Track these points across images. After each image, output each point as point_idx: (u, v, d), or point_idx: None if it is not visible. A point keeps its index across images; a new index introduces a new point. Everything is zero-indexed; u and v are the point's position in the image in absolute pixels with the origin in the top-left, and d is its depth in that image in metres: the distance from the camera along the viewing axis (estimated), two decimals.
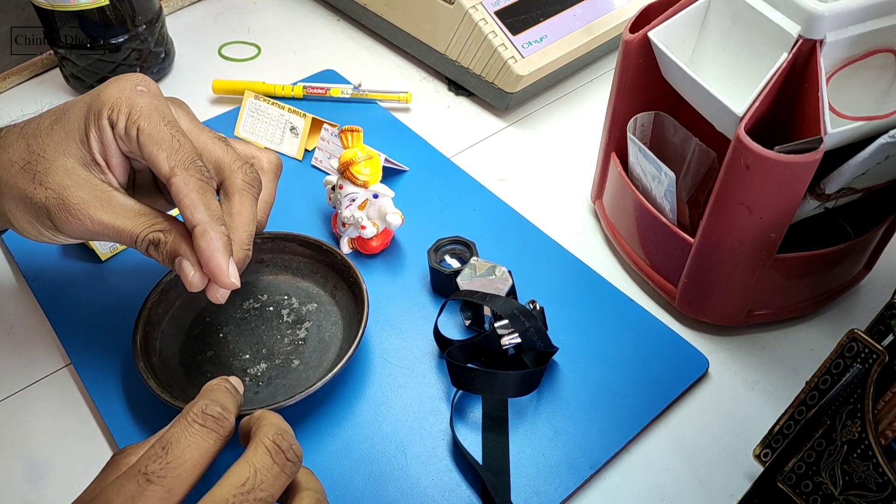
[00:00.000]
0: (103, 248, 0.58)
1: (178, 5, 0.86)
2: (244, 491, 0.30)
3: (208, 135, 0.44)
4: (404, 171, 0.65)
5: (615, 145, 0.57)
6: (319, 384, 0.46)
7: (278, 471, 0.31)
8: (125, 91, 0.40)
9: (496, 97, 0.71)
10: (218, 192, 0.43)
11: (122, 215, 0.40)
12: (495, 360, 0.50)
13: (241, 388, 0.37)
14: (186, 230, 0.40)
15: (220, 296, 0.41)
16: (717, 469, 0.47)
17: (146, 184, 0.47)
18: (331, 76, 0.75)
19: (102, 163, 0.41)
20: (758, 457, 0.44)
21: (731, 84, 0.48)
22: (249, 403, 0.48)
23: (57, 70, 0.76)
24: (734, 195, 0.45)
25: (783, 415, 0.43)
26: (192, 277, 0.40)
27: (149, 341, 0.49)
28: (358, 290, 0.51)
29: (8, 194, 0.41)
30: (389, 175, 0.64)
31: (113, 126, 0.40)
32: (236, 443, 0.34)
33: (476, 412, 0.48)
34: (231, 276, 0.40)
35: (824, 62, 0.42)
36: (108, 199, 0.40)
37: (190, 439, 0.31)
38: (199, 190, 0.39)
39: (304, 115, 0.67)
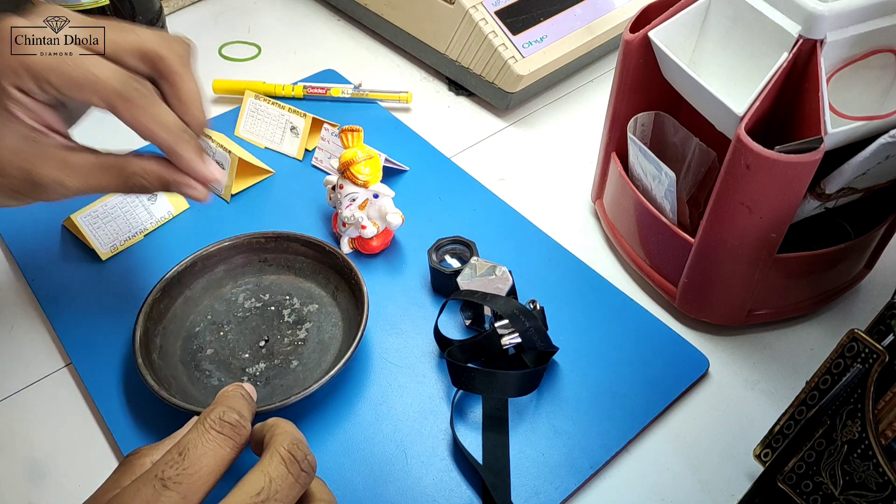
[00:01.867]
0: (103, 248, 0.58)
1: (178, 5, 0.86)
2: (259, 500, 0.30)
3: (114, 34, 0.40)
4: (404, 171, 0.65)
5: (615, 145, 0.57)
6: (315, 386, 0.46)
7: (293, 481, 0.31)
8: (4, 58, 0.37)
9: (496, 97, 0.71)
10: (153, 80, 0.42)
11: (94, 176, 0.41)
12: (495, 360, 0.50)
13: (254, 395, 0.37)
14: (157, 157, 0.42)
15: (202, 194, 0.44)
16: (717, 469, 0.47)
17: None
18: (331, 76, 0.75)
19: (41, 127, 0.40)
20: (758, 457, 0.44)
21: (731, 84, 0.48)
22: None
23: None
24: (734, 195, 0.45)
25: (783, 415, 0.43)
26: (196, 193, 0.43)
27: (149, 337, 0.49)
28: (359, 292, 0.51)
29: None
30: (390, 175, 0.64)
31: (26, 93, 0.38)
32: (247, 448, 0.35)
33: (476, 412, 0.48)
34: (214, 174, 0.43)
35: (824, 62, 0.42)
36: (71, 166, 0.40)
37: (207, 446, 0.31)
38: (144, 110, 0.39)
39: (305, 115, 0.67)
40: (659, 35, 0.49)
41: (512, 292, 0.51)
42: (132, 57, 0.41)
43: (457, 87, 0.76)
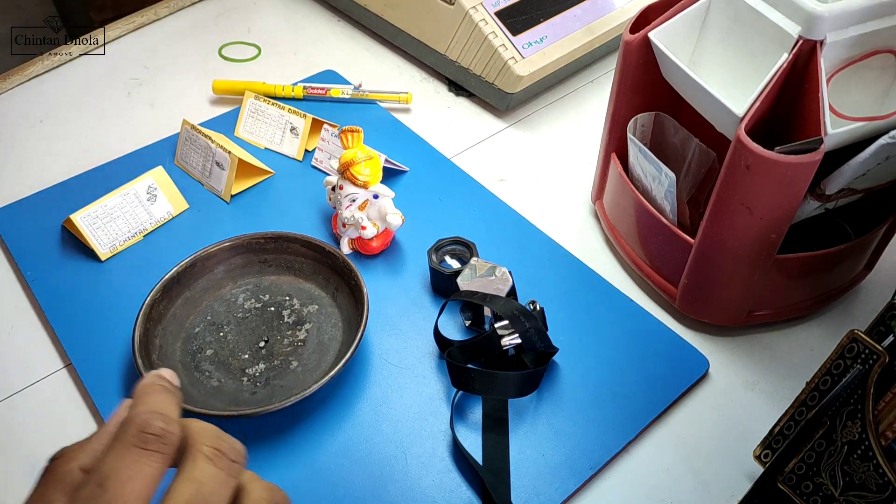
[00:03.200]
0: (103, 248, 0.58)
1: (178, 5, 0.86)
2: None
3: None
4: (404, 172, 0.65)
5: (615, 146, 0.57)
6: (315, 387, 0.46)
7: (224, 476, 0.27)
8: None
9: (496, 98, 0.71)
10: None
11: None
12: (495, 361, 0.50)
13: (177, 381, 0.32)
14: None
15: None
16: (717, 469, 0.47)
17: None
18: (331, 76, 0.75)
19: None
20: (758, 457, 0.44)
21: (731, 84, 0.48)
22: (246, 404, 0.48)
23: (57, 70, 0.76)
24: (734, 195, 0.45)
25: (783, 415, 0.43)
26: None
27: (149, 338, 0.49)
28: (359, 293, 0.51)
29: None
30: (389, 175, 0.64)
31: None
32: None
33: (476, 413, 0.48)
34: None
35: (824, 63, 0.42)
36: None
37: (131, 469, 0.26)
38: None
39: (305, 116, 0.67)
40: (659, 36, 0.49)
41: (512, 293, 0.51)
42: None
43: (457, 88, 0.75)
